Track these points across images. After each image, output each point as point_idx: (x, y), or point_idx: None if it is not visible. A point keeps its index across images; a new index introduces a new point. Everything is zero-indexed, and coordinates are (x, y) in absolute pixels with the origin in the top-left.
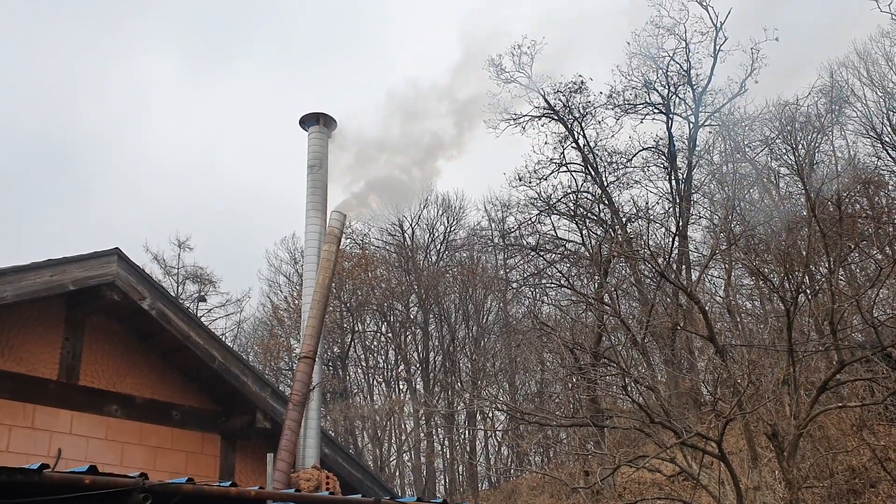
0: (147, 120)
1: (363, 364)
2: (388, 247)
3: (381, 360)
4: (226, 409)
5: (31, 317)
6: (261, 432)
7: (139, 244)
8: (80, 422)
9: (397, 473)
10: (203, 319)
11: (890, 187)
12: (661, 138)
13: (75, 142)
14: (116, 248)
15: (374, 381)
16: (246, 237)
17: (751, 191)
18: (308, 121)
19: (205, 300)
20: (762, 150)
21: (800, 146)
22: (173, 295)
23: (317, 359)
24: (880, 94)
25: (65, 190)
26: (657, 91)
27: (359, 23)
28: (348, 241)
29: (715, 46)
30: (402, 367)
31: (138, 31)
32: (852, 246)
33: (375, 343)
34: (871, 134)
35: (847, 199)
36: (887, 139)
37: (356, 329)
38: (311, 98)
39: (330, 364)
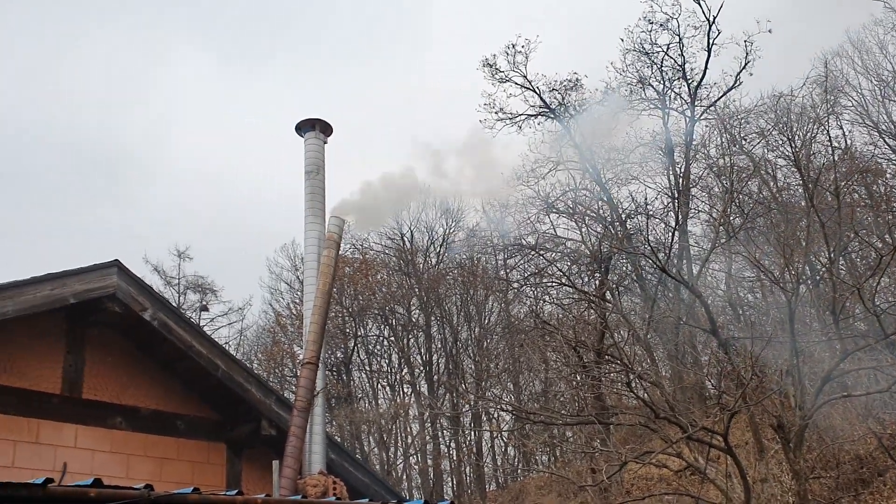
0: (172, 128)
1: (367, 368)
2: (387, 251)
3: (384, 364)
4: (230, 418)
5: (32, 331)
6: (266, 440)
7: (139, 254)
8: (84, 435)
9: (404, 477)
10: (206, 329)
11: (888, 175)
12: (657, 134)
13: (98, 149)
14: (116, 259)
15: (379, 385)
16: (249, 244)
17: (749, 183)
18: (304, 127)
19: (207, 309)
20: (759, 143)
21: (796, 137)
22: (175, 305)
23: (320, 364)
24: (875, 83)
25: (83, 198)
26: (652, 87)
27: (390, 24)
28: (348, 245)
29: (708, 40)
30: (405, 370)
31: (165, 40)
32: (851, 235)
33: (378, 347)
34: (868, 122)
35: (845, 189)
36: (884, 127)
37: (359, 334)
38: (331, 102)
39: (334, 369)
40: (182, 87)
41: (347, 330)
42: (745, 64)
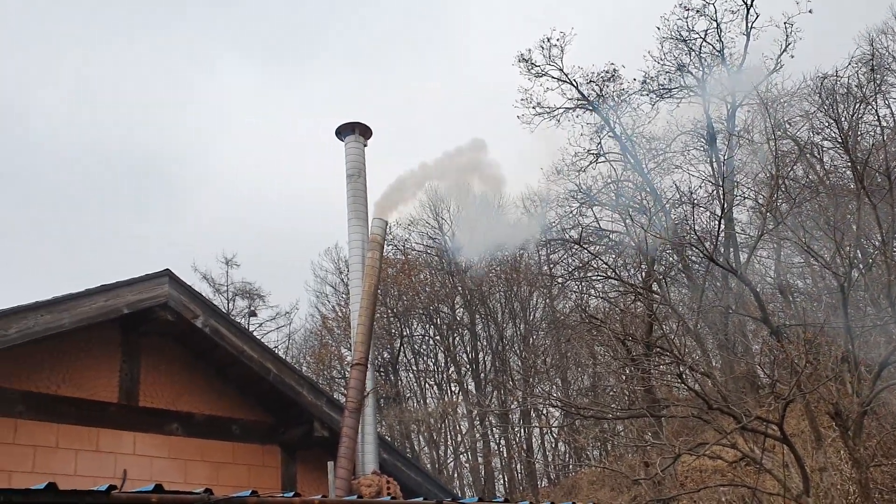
0: (213, 136)
1: (414, 368)
2: (429, 250)
3: (430, 364)
4: (283, 421)
5: (88, 342)
6: (319, 441)
7: (187, 263)
8: (142, 442)
9: (455, 475)
10: (255, 333)
11: None
12: (698, 121)
13: (140, 159)
14: (167, 269)
15: (426, 385)
16: (293, 249)
17: (794, 167)
18: (344, 131)
19: (255, 315)
20: (803, 126)
21: (842, 118)
22: (225, 311)
23: (369, 365)
24: None
25: (126, 208)
26: (691, 73)
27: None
28: (390, 247)
29: (747, 24)
30: (452, 369)
31: (209, 51)
32: None
33: (424, 347)
34: None
35: None
36: None
37: (404, 334)
38: (371, 105)
39: (381, 370)
40: (222, 95)
41: (393, 330)
42: (786, 46)
